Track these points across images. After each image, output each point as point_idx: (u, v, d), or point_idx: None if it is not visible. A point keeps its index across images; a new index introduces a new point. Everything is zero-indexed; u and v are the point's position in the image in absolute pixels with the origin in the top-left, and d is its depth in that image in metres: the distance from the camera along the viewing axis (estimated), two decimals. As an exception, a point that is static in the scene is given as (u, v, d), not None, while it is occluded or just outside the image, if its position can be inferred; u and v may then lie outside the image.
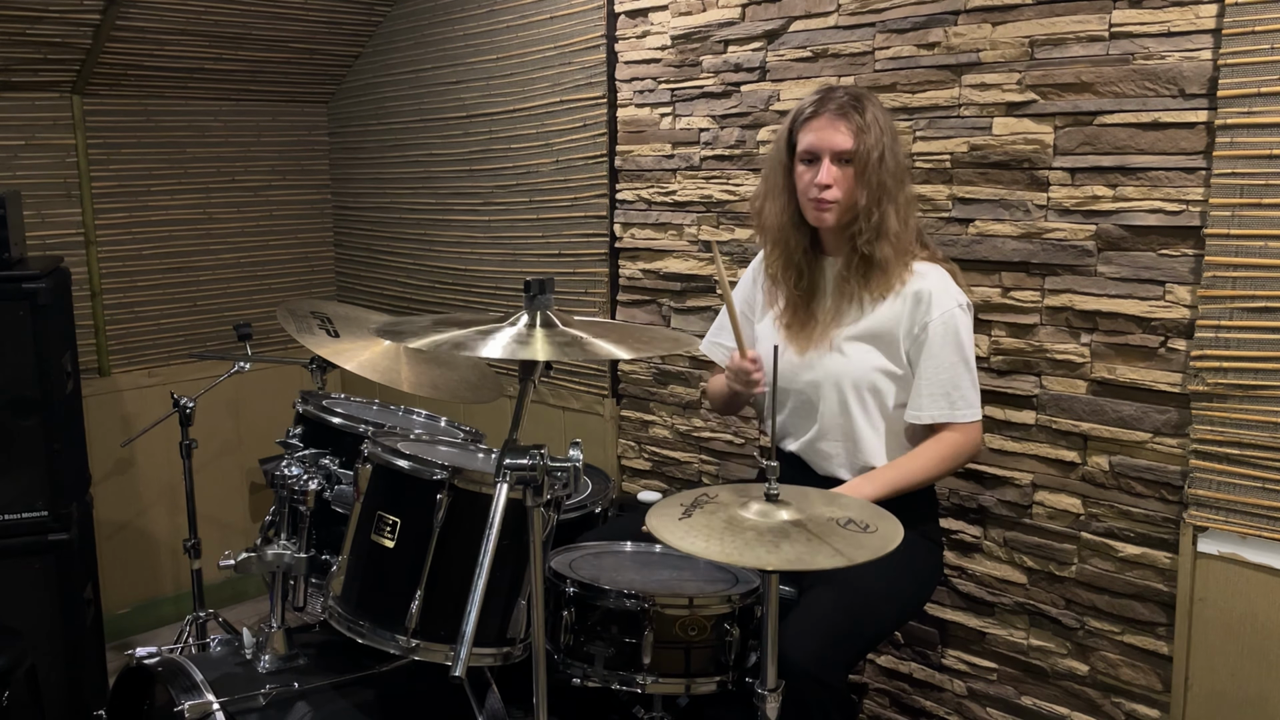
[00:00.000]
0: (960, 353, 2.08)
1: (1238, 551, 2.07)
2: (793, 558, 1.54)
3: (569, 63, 3.22)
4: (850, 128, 2.05)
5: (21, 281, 2.73)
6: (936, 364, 2.08)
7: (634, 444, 3.26)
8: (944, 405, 2.08)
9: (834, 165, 2.07)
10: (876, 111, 2.09)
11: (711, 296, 2.95)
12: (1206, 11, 2.02)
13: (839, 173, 2.07)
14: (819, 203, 2.09)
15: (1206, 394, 2.08)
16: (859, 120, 2.05)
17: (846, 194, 2.08)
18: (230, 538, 3.87)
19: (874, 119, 2.07)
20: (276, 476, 2.13)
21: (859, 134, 2.05)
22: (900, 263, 2.11)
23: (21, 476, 2.77)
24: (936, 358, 2.08)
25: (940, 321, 2.07)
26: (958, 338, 2.08)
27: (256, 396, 3.96)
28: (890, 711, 2.73)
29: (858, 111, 2.06)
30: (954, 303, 2.09)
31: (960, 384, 2.08)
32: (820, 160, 2.08)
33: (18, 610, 2.75)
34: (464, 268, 3.72)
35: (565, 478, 1.62)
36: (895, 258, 2.09)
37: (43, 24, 3.17)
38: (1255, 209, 1.98)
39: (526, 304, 1.69)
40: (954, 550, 2.52)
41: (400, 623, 1.83)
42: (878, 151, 2.05)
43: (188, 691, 1.93)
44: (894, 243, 2.08)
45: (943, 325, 2.07)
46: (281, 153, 4.08)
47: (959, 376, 2.08)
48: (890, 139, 2.09)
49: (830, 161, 2.07)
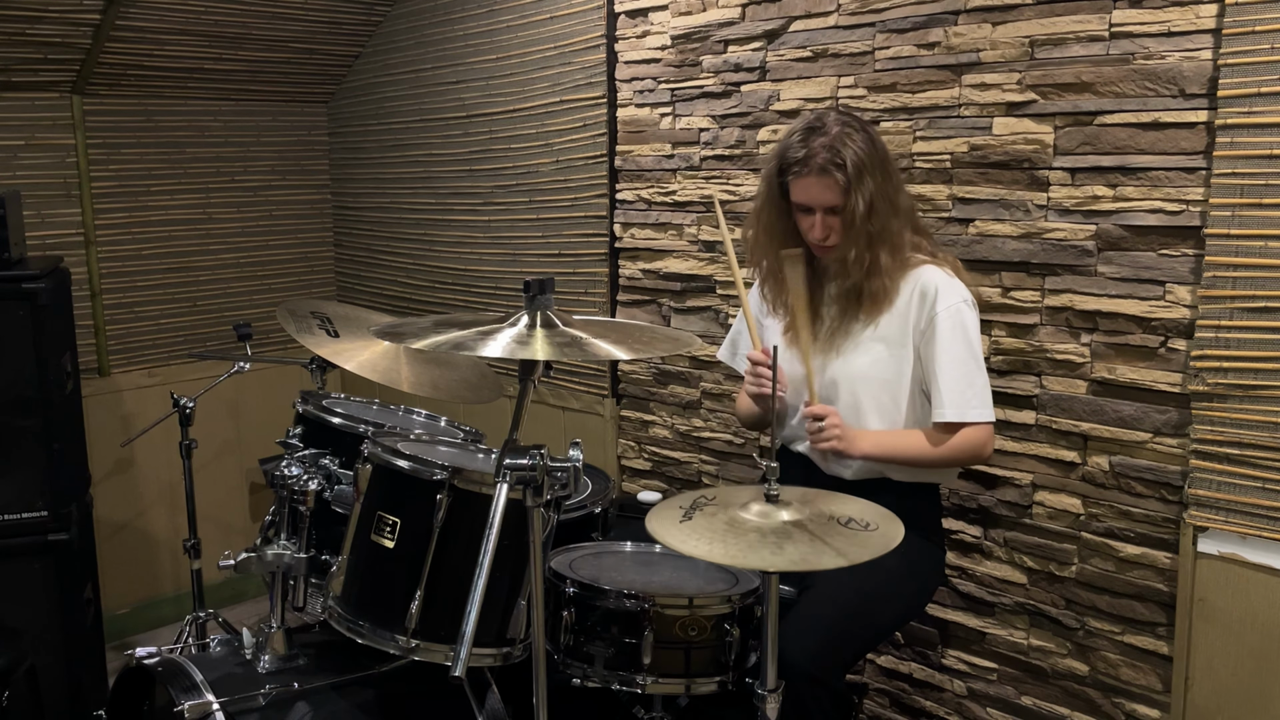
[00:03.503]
0: (970, 349, 2.09)
1: (1238, 551, 2.07)
2: (797, 559, 1.54)
3: (569, 63, 3.22)
4: (836, 185, 2.05)
5: (21, 281, 2.73)
6: (950, 359, 2.07)
7: (634, 444, 3.25)
8: (962, 405, 2.07)
9: (826, 216, 2.09)
10: (860, 152, 2.04)
11: (711, 296, 2.96)
12: (1206, 11, 2.02)
13: (835, 222, 2.09)
14: (820, 248, 2.14)
15: (1206, 394, 2.08)
16: (840, 177, 2.04)
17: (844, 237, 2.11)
18: (230, 538, 3.87)
19: (857, 168, 2.03)
20: (276, 476, 2.12)
21: (845, 192, 2.05)
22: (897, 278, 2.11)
23: (21, 476, 2.77)
24: (949, 352, 2.07)
25: (946, 315, 2.07)
26: (965, 333, 2.08)
27: (256, 396, 3.96)
28: (890, 711, 2.73)
29: (838, 168, 2.04)
30: (959, 298, 2.09)
31: (974, 382, 2.08)
32: (813, 212, 2.10)
33: (18, 610, 2.75)
34: (464, 268, 3.72)
35: (565, 478, 1.62)
36: (890, 283, 2.11)
37: (43, 24, 3.17)
38: (1255, 209, 1.98)
39: (526, 304, 1.69)
40: (954, 550, 2.52)
41: (400, 623, 1.83)
42: (864, 204, 2.05)
43: (188, 691, 1.93)
44: (886, 273, 2.10)
45: (949, 319, 2.07)
46: (281, 153, 4.08)
47: (972, 374, 2.08)
48: (880, 178, 2.06)
49: (822, 214, 2.09)
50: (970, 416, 2.07)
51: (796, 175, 2.08)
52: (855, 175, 2.03)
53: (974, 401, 2.07)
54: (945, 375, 2.07)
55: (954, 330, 2.07)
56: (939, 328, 2.07)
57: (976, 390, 2.08)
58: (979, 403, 2.08)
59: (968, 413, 2.06)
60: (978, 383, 2.08)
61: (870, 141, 2.07)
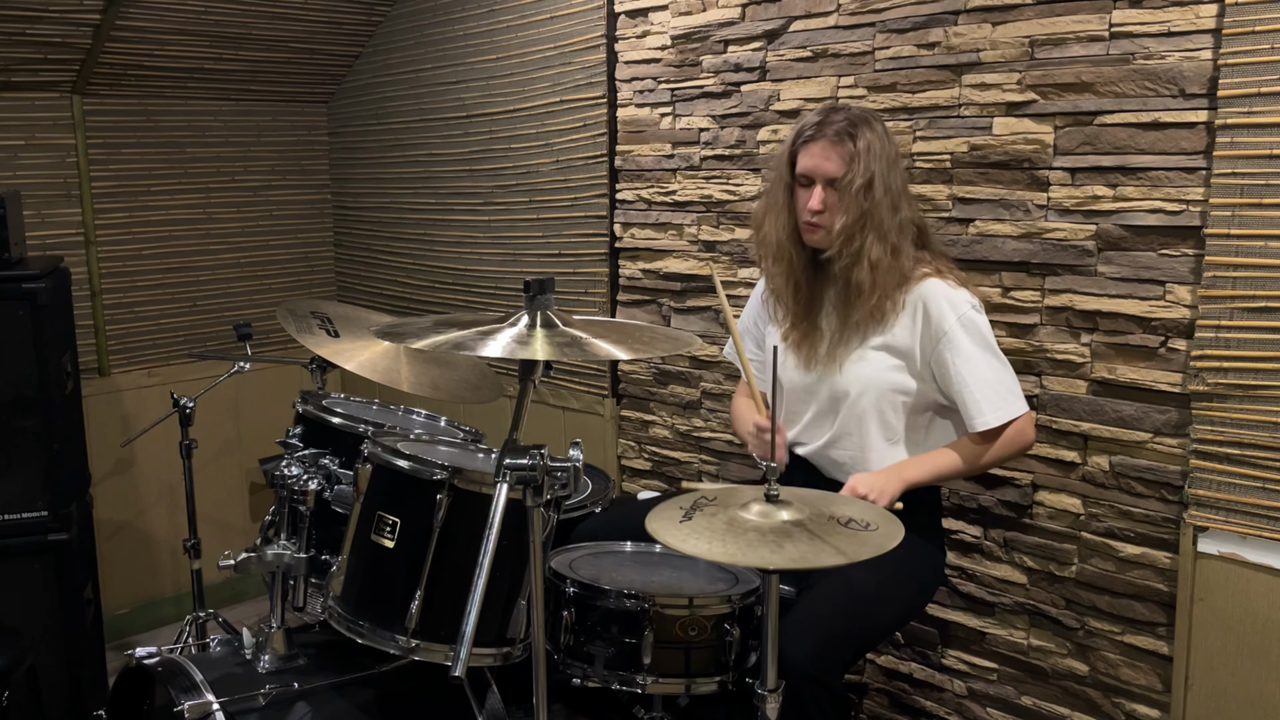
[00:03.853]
0: (990, 350, 2.09)
1: (1238, 551, 2.07)
2: (796, 557, 1.54)
3: (569, 63, 3.22)
4: (843, 155, 2.06)
5: (21, 281, 2.73)
6: (977, 367, 2.07)
7: (634, 444, 3.25)
8: (1002, 407, 2.07)
9: (825, 190, 2.08)
10: (874, 138, 2.07)
11: (711, 296, 2.95)
12: (1206, 11, 2.02)
13: (830, 197, 2.08)
14: (809, 225, 2.12)
15: (1206, 394, 2.08)
16: (851, 148, 2.05)
17: (838, 219, 2.09)
18: (230, 538, 3.87)
19: (868, 147, 2.05)
20: (276, 476, 2.12)
21: (848, 161, 2.06)
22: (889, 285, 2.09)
23: (21, 476, 2.77)
24: (974, 360, 2.07)
25: (960, 327, 2.07)
26: (982, 337, 2.09)
27: (256, 396, 3.96)
28: (890, 711, 2.73)
29: (852, 139, 2.06)
30: (967, 306, 2.09)
31: (1004, 380, 2.09)
32: (813, 184, 2.09)
33: (18, 610, 2.75)
34: (464, 268, 3.72)
35: (565, 478, 1.62)
36: (875, 285, 2.08)
37: (43, 24, 3.17)
38: (1255, 209, 1.98)
39: (526, 304, 1.69)
40: (954, 550, 2.52)
41: (400, 623, 1.83)
42: (863, 180, 2.05)
43: (188, 691, 1.93)
44: (873, 270, 2.07)
45: (964, 330, 2.07)
46: (281, 153, 4.08)
47: (1000, 374, 2.09)
48: (885, 166, 2.07)
49: (822, 186, 2.08)
50: (1010, 414, 2.08)
51: (809, 140, 2.09)
52: (864, 150, 2.05)
53: (1009, 398, 2.09)
54: (977, 383, 2.07)
55: (973, 339, 2.08)
56: (957, 342, 2.07)
57: (1008, 386, 2.09)
58: (1013, 397, 2.09)
59: (1006, 412, 2.08)
60: (1007, 379, 2.10)
61: (886, 135, 2.11)
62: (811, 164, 2.09)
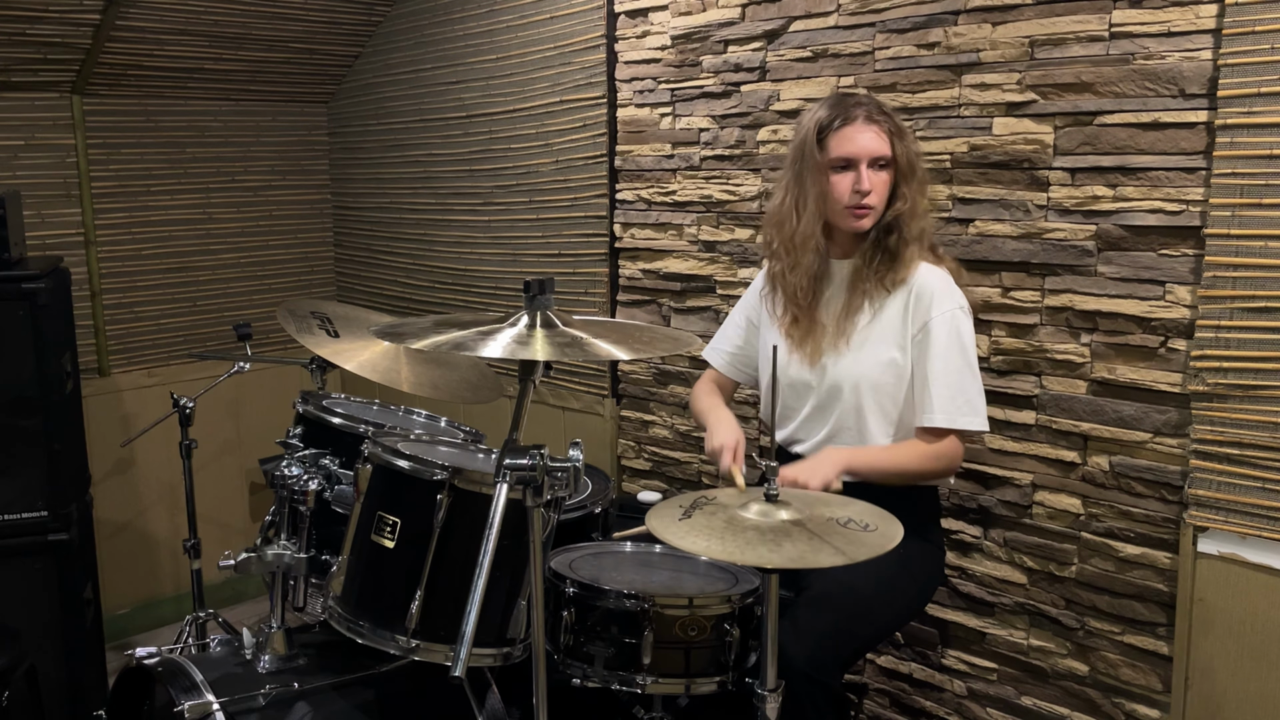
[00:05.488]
0: (964, 356, 2.07)
1: (1238, 551, 2.07)
2: (795, 556, 1.54)
3: (569, 63, 3.22)
4: (884, 132, 2.07)
5: (21, 281, 2.73)
6: (943, 366, 2.06)
7: (634, 444, 3.25)
8: (953, 412, 2.05)
9: (871, 171, 2.08)
10: (897, 117, 2.12)
11: (711, 296, 2.96)
12: (1206, 11, 2.02)
13: (877, 177, 2.08)
14: (858, 210, 2.09)
15: (1206, 394, 2.08)
16: (891, 125, 2.08)
17: (882, 199, 2.10)
18: (230, 538, 3.87)
19: (899, 125, 2.10)
20: (276, 476, 2.12)
21: (894, 138, 2.08)
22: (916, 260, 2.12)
23: (21, 476, 2.77)
24: (942, 358, 2.06)
25: (941, 320, 2.07)
26: (960, 340, 2.07)
27: (256, 396, 3.96)
28: (890, 711, 2.73)
29: (885, 116, 2.09)
30: (954, 304, 2.09)
31: (967, 390, 2.06)
32: (855, 167, 2.07)
33: (18, 610, 2.75)
34: (464, 268, 3.72)
35: (565, 478, 1.62)
36: (916, 255, 2.11)
37: (43, 24, 3.17)
38: (1255, 209, 1.98)
39: (526, 304, 1.69)
40: (954, 550, 2.52)
41: (400, 623, 1.83)
42: (908, 160, 2.09)
43: (188, 691, 1.93)
44: (919, 238, 2.11)
45: (944, 325, 2.07)
46: (281, 153, 4.08)
47: (966, 382, 2.06)
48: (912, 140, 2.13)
49: (868, 167, 2.07)
50: (959, 424, 2.05)
51: (841, 124, 2.07)
52: (898, 131, 2.09)
53: (964, 408, 2.05)
54: (937, 381, 2.05)
55: (949, 336, 2.06)
56: (934, 333, 2.06)
57: (969, 397, 2.06)
58: (970, 410, 2.06)
59: (958, 419, 2.05)
60: (970, 390, 2.07)
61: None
62: (854, 148, 2.07)
